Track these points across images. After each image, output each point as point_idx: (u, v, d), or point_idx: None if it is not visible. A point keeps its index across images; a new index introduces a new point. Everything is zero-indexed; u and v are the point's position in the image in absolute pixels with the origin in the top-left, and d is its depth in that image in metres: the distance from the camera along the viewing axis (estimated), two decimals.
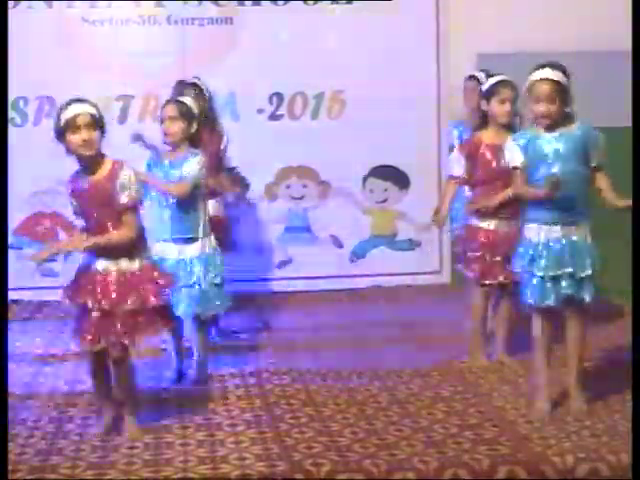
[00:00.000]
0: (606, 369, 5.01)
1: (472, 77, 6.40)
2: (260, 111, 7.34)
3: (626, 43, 5.53)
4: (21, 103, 7.11)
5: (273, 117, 7.36)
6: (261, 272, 7.41)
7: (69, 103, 4.10)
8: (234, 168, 6.81)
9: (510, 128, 5.03)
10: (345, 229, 7.52)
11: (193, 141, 5.05)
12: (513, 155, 4.33)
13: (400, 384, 4.84)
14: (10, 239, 7.06)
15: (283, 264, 7.51)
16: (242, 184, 7.28)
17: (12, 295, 6.91)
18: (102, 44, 7.14)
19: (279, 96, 7.34)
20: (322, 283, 7.34)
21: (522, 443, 3.99)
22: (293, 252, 7.50)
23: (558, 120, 4.24)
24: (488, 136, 5.13)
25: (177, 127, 4.95)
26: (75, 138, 4.04)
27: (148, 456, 3.90)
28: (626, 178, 4.68)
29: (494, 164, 5.03)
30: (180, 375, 5.03)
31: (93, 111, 4.08)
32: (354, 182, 7.48)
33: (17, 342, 5.84)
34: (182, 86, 5.88)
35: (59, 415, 4.45)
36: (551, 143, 4.26)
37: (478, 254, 5.12)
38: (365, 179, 7.56)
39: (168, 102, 5.14)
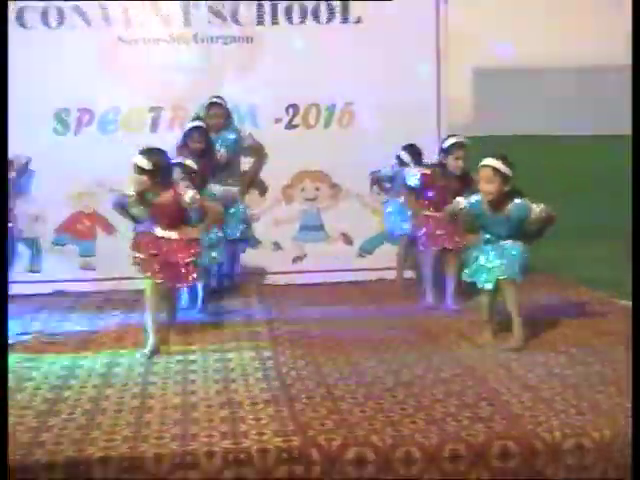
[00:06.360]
0: (590, 356, 4.99)
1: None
2: (278, 121, 7.33)
3: (623, 59, 5.51)
4: (63, 114, 7.12)
5: (289, 126, 7.35)
6: (278, 266, 7.41)
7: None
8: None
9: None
10: (354, 227, 7.50)
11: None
12: (460, 202, 5.28)
13: (404, 368, 4.83)
14: (54, 235, 7.14)
15: (298, 259, 7.51)
16: (261, 187, 7.34)
17: (56, 286, 6.99)
18: (136, 61, 7.14)
19: (295, 107, 7.33)
20: (333, 276, 7.32)
21: (515, 421, 3.98)
22: (307, 248, 7.49)
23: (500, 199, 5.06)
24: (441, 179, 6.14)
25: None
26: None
27: (177, 431, 3.90)
28: (626, 182, 4.66)
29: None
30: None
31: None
32: (363, 185, 7.46)
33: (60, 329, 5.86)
34: (208, 107, 6.28)
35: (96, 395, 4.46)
36: (492, 219, 5.12)
37: (425, 230, 6.25)
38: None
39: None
